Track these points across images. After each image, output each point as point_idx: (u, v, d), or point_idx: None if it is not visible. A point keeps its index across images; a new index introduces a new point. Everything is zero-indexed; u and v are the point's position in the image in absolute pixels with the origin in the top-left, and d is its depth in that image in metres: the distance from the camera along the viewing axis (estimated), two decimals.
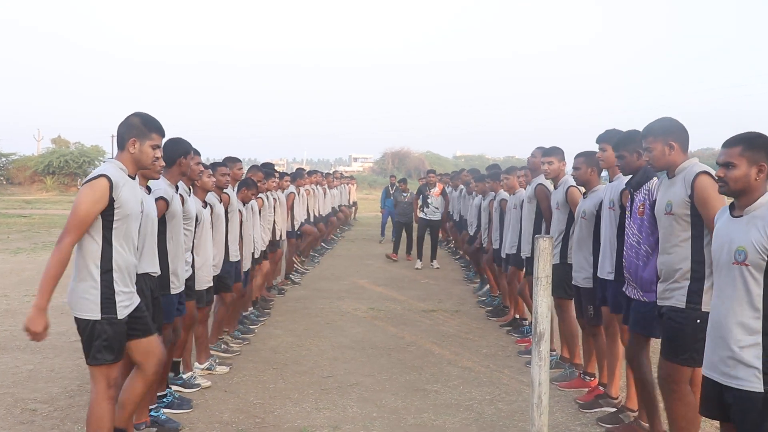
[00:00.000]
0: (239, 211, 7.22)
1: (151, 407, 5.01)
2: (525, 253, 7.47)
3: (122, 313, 3.89)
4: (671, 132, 4.17)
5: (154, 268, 4.46)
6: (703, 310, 3.83)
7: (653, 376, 4.53)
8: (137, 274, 4.15)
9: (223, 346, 7.07)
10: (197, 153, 5.48)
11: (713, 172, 3.81)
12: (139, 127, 4.01)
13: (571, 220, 6.20)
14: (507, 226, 8.49)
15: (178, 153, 5.11)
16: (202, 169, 5.66)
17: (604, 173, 5.87)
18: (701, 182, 3.90)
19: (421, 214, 14.74)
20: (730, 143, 3.29)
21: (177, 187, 5.17)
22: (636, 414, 5.15)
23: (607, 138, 5.41)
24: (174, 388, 5.68)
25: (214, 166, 6.58)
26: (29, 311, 3.71)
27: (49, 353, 7.01)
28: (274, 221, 9.84)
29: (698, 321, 3.84)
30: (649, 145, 4.21)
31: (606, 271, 5.24)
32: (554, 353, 6.87)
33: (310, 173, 15.12)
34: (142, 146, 4.00)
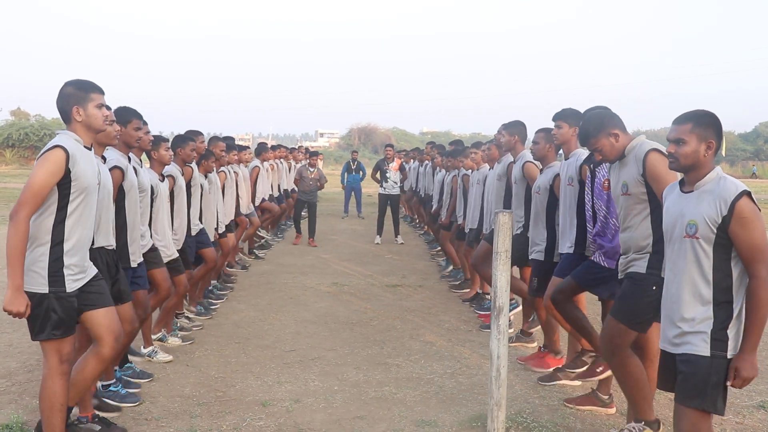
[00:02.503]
0: (200, 185, 7.14)
1: (108, 383, 4.95)
2: (491, 226, 7.48)
3: (71, 286, 3.78)
4: (605, 123, 4.22)
5: (109, 241, 4.30)
6: (662, 276, 3.91)
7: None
8: (92, 249, 4.04)
9: (179, 324, 6.99)
10: (145, 123, 5.32)
11: (663, 149, 3.88)
12: (75, 93, 3.89)
13: (529, 192, 6.26)
14: (469, 201, 8.55)
15: (118, 122, 4.84)
16: (151, 138, 5.52)
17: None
18: (651, 159, 3.97)
19: (380, 190, 14.72)
20: (680, 120, 3.39)
21: (129, 159, 5.06)
22: (593, 387, 5.24)
23: (563, 116, 5.46)
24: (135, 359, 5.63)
25: (181, 140, 6.48)
26: (6, 293, 3.59)
27: (7, 328, 6.89)
28: (237, 195, 9.78)
29: (654, 287, 3.92)
30: (594, 146, 4.26)
31: (566, 246, 5.30)
32: (511, 330, 6.97)
33: (274, 148, 14.97)
34: (86, 110, 3.88)
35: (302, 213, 14.31)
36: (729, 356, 3.20)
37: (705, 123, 3.32)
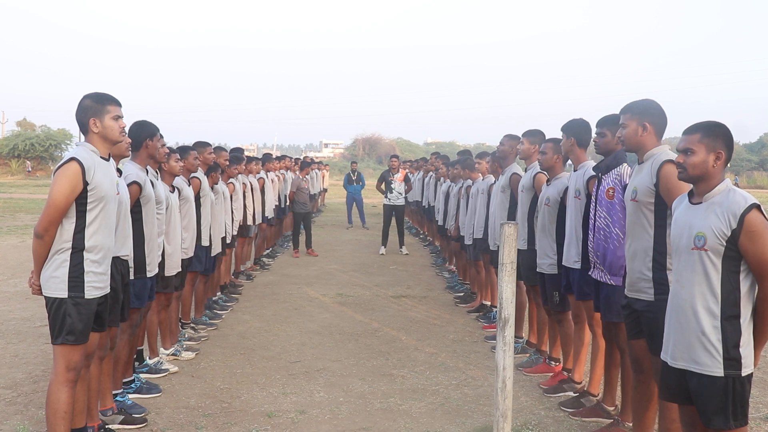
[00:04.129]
0: (209, 196, 7.18)
1: (116, 392, 4.98)
2: (496, 242, 7.45)
3: (91, 293, 3.87)
4: (648, 113, 4.16)
5: (126, 251, 4.43)
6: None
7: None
8: None
9: (187, 335, 7.01)
10: (161, 135, 5.44)
11: None
12: (93, 106, 3.99)
13: (534, 203, 6.25)
14: (472, 211, 8.56)
15: (144, 135, 5.07)
16: (167, 151, 5.62)
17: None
18: (666, 171, 3.91)
19: (385, 200, 14.75)
20: (690, 130, 3.37)
21: (147, 171, 5.14)
22: (598, 398, 5.23)
23: (567, 128, 5.47)
24: (142, 375, 5.64)
25: (183, 150, 6.52)
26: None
27: (13, 338, 6.92)
28: (245, 206, 9.83)
29: None
30: (624, 121, 4.21)
31: (572, 260, 5.29)
32: (521, 339, 6.96)
33: (279, 158, 15.03)
34: (103, 122, 3.98)
35: (301, 227, 14.33)
36: (744, 374, 3.16)
37: (714, 133, 3.29)
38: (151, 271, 5.13)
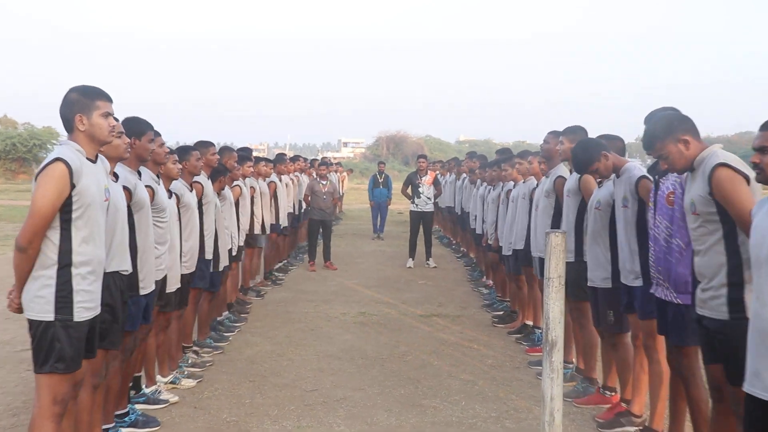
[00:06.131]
0: (214, 203, 7.20)
1: (108, 427, 4.96)
2: (539, 253, 7.40)
3: (80, 315, 3.83)
4: (674, 127, 4.15)
5: (125, 266, 4.42)
6: (748, 317, 3.78)
7: (707, 393, 4.43)
8: (105, 274, 4.11)
9: (190, 360, 7.03)
10: (158, 134, 5.43)
11: (734, 162, 3.81)
12: (80, 101, 3.97)
13: (582, 209, 6.20)
14: (512, 218, 8.49)
15: (129, 134, 4.92)
16: (167, 150, 5.62)
17: None
18: (718, 176, 3.85)
19: (412, 207, 14.71)
20: (767, 126, 3.29)
21: (139, 174, 5.14)
22: None
23: (566, 131, 5.57)
24: (137, 406, 5.65)
25: (183, 151, 6.54)
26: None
27: None
28: (253, 213, 9.85)
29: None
30: (660, 152, 4.19)
31: (631, 277, 5.22)
32: (571, 365, 6.88)
33: (292, 159, 15.07)
34: (90, 119, 3.95)
35: (318, 235, 14.27)
36: None
37: None
38: (145, 288, 5.06)
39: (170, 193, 5.93)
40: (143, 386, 6.00)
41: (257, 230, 10.17)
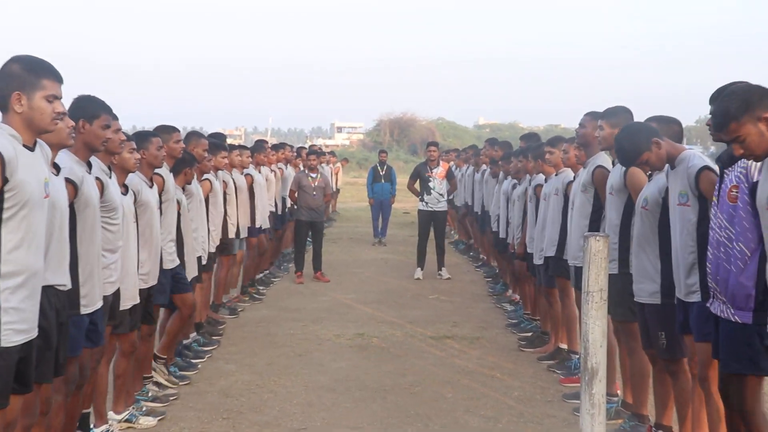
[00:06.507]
0: (177, 200, 7.16)
1: None
2: (575, 261, 7.39)
3: (9, 339, 3.75)
4: (753, 103, 4.06)
5: (62, 279, 4.32)
6: None
7: None
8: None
9: (150, 393, 6.98)
10: (115, 117, 5.37)
11: None
12: (21, 76, 3.93)
13: (629, 210, 6.15)
14: (543, 219, 8.46)
15: (78, 115, 4.89)
16: (123, 138, 5.56)
17: None
18: None
19: (420, 205, 14.68)
20: None
21: (89, 165, 5.08)
22: None
23: (607, 114, 5.55)
24: None
25: (141, 137, 6.50)
26: None
27: None
28: (226, 212, 9.80)
29: None
30: (735, 134, 4.09)
31: (686, 291, 5.16)
32: (615, 399, 6.85)
33: (275, 148, 15.05)
34: (31, 101, 3.92)
35: (307, 240, 14.28)
36: None
37: None
38: (88, 306, 4.96)
39: (125, 189, 5.88)
40: (92, 426, 5.97)
41: (231, 234, 10.12)
